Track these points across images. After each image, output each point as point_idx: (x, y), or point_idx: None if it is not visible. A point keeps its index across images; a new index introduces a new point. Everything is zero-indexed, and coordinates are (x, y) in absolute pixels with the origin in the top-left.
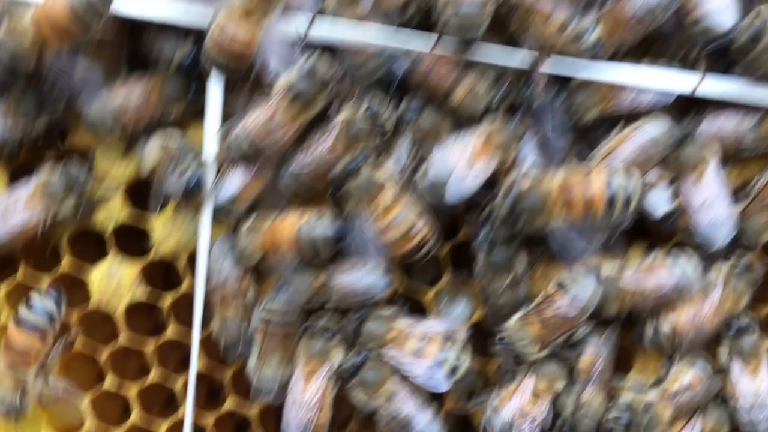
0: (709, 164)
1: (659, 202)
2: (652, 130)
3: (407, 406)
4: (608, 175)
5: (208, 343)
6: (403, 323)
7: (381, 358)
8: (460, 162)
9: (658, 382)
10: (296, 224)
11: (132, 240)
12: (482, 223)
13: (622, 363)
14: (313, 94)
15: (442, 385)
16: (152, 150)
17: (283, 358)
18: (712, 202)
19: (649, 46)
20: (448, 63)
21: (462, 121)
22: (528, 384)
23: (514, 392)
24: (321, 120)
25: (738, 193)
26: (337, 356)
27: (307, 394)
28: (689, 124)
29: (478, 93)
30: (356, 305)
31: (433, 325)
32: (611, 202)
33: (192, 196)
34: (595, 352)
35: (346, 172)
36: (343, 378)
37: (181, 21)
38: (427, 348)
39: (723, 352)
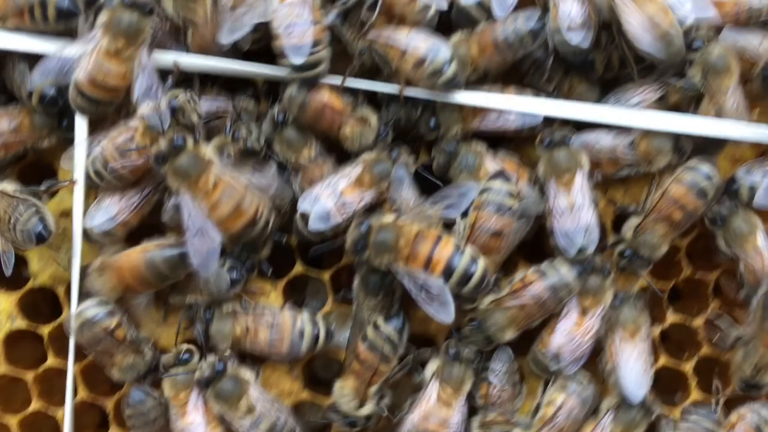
0: (580, 170)
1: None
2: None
3: None
4: (455, 250)
5: (93, 371)
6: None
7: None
8: (327, 195)
9: (536, 410)
10: (140, 255)
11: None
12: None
13: None
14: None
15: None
16: None
17: None
18: (578, 208)
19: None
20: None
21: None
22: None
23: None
24: None
25: (628, 210)
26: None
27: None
28: (567, 132)
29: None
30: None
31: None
32: (448, 273)
33: (43, 241)
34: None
35: (171, 149)
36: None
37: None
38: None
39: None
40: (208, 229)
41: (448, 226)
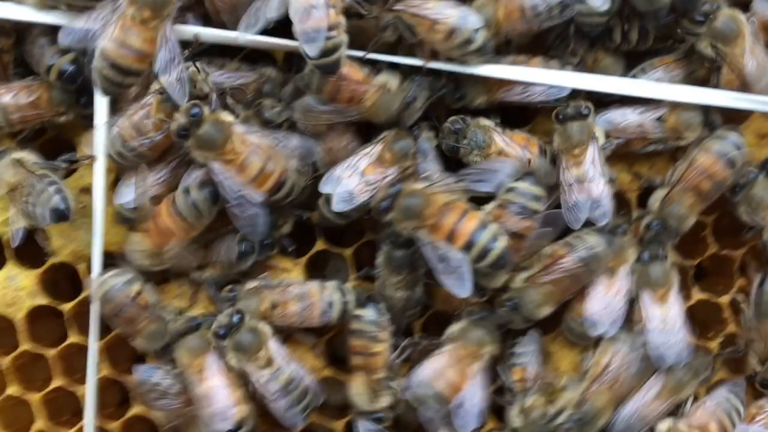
0: (593, 143)
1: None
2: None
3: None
4: (480, 225)
5: (114, 350)
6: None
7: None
8: (349, 175)
9: (584, 372)
10: (169, 203)
11: (34, 246)
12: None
13: None
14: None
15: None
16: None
17: None
18: (588, 181)
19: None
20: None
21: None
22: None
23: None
24: None
25: (654, 183)
26: None
27: None
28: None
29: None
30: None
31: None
32: (468, 246)
33: (64, 219)
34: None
35: (191, 120)
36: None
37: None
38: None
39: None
40: (246, 194)
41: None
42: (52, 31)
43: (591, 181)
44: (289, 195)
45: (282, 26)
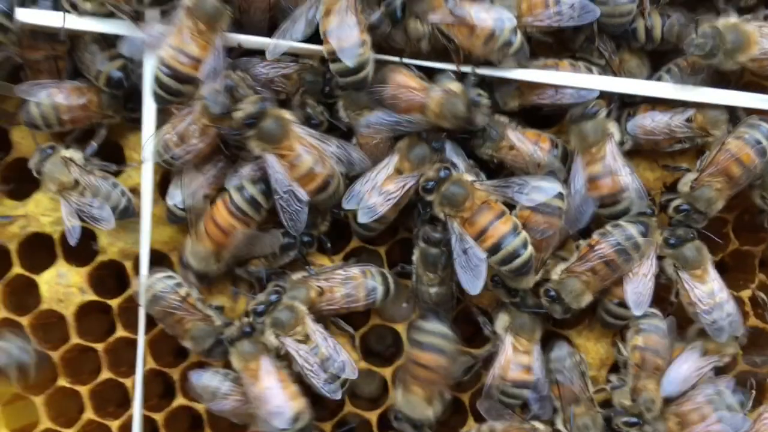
0: (610, 139)
1: None
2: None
3: None
4: (512, 230)
5: (158, 343)
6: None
7: None
8: (368, 190)
9: (624, 365)
10: (225, 202)
11: (84, 244)
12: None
13: None
14: (227, 109)
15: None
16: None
17: None
18: (616, 171)
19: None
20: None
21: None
22: None
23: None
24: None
25: (680, 168)
26: None
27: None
28: (624, 116)
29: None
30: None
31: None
32: (496, 249)
33: (128, 216)
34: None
35: (256, 113)
36: None
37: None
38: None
39: (668, 265)
40: (294, 190)
41: None
42: (103, 38)
43: (617, 174)
44: (332, 198)
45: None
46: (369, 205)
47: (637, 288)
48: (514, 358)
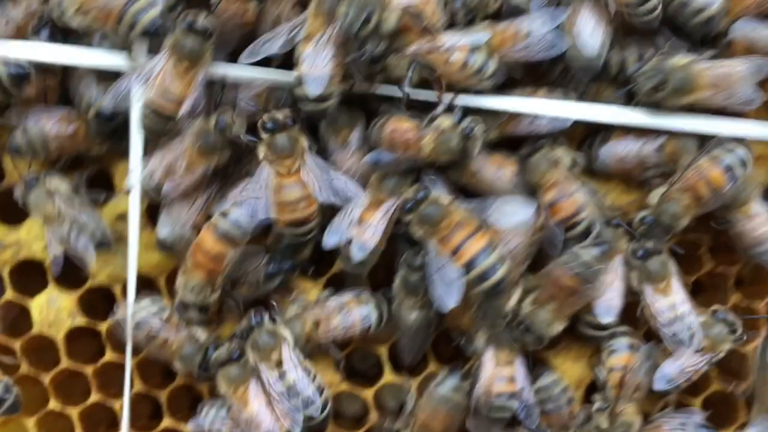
0: (561, 166)
1: None
2: None
3: None
4: (485, 247)
5: (146, 365)
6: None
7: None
8: (353, 226)
9: (603, 385)
10: (209, 229)
11: (72, 269)
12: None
13: None
14: (219, 145)
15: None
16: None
17: None
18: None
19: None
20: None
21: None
22: None
23: None
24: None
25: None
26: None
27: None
28: (592, 145)
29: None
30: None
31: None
32: (469, 267)
33: (106, 249)
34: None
35: (283, 122)
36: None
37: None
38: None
39: (633, 277)
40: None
41: None
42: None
43: (573, 194)
44: (311, 232)
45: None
46: (360, 241)
47: (604, 296)
48: (497, 371)
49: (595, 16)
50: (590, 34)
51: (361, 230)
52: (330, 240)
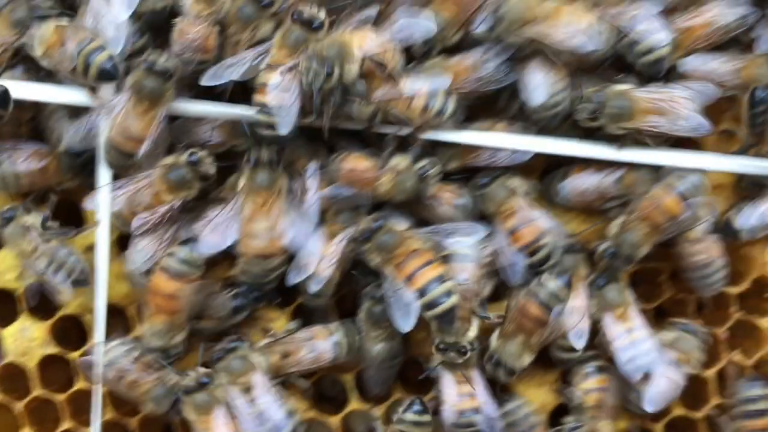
0: (516, 197)
1: None
2: None
3: None
4: (437, 277)
5: (116, 394)
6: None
7: None
8: (312, 260)
9: (578, 408)
10: (161, 272)
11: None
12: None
13: None
14: (190, 180)
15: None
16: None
17: None
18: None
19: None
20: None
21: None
22: None
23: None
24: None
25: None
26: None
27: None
28: (554, 179)
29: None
30: None
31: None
32: (421, 294)
33: (82, 285)
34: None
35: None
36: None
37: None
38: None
39: (593, 304)
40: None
41: None
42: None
43: (533, 221)
44: (277, 268)
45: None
46: (314, 273)
47: (574, 321)
48: (459, 389)
49: (544, 67)
50: (536, 86)
51: (316, 263)
52: (293, 277)
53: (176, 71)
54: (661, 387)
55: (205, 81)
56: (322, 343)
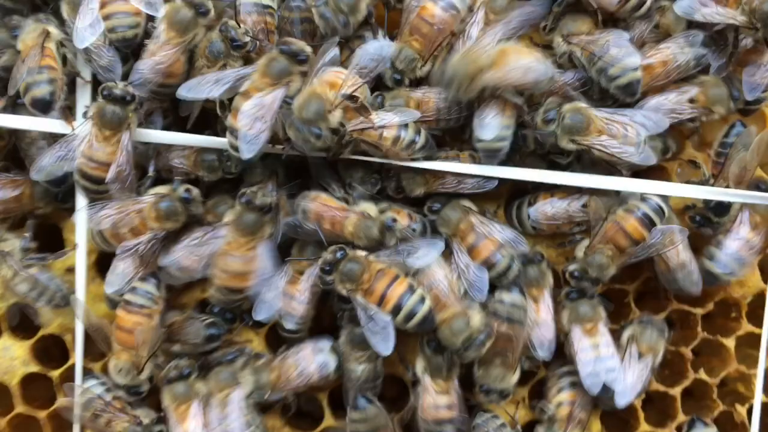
0: (472, 215)
1: None
2: None
3: None
4: (407, 289)
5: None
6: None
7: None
8: (279, 297)
9: (550, 420)
10: (124, 307)
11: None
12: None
13: None
14: (179, 213)
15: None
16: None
17: None
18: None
19: None
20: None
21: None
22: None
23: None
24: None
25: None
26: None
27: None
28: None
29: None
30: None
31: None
32: (397, 310)
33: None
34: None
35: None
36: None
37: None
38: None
39: (563, 317)
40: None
41: None
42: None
43: (490, 235)
44: (244, 299)
45: None
46: (289, 313)
47: (537, 332)
48: (437, 399)
49: (496, 108)
50: (487, 124)
51: (288, 302)
52: (260, 314)
53: (136, 96)
54: (630, 380)
55: (183, 92)
56: (310, 364)
